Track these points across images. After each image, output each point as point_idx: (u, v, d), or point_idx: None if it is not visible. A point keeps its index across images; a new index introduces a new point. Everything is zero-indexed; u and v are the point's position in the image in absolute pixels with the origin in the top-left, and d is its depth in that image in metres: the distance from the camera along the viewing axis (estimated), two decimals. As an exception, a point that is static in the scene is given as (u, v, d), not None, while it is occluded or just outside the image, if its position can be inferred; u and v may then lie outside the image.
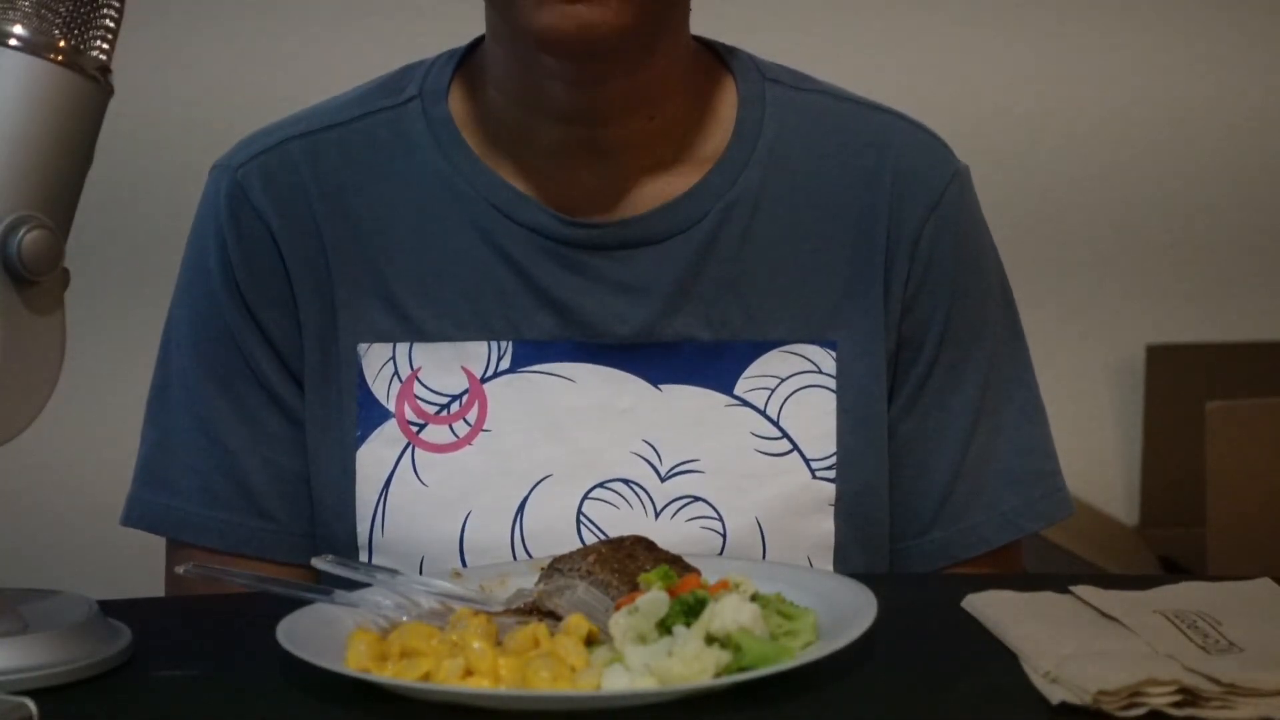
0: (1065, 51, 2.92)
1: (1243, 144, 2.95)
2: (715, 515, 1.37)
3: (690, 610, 1.06)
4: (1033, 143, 2.92)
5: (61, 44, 1.07)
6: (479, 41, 1.43)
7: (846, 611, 1.09)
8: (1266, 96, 2.95)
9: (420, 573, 1.32)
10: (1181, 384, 2.83)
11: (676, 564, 1.16)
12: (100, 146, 1.11)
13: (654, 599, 1.06)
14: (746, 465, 1.37)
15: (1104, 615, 1.14)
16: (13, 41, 1.06)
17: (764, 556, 1.36)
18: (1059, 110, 2.92)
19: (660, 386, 1.37)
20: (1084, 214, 2.94)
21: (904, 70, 2.85)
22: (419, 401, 1.37)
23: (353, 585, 1.19)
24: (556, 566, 1.17)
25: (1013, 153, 2.89)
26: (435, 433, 1.37)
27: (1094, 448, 2.93)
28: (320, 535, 1.40)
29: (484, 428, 1.37)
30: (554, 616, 1.12)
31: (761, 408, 1.37)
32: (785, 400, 1.38)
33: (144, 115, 2.69)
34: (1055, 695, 1.01)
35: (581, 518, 1.36)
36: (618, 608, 1.08)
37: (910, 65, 2.87)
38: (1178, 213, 2.95)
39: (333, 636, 1.10)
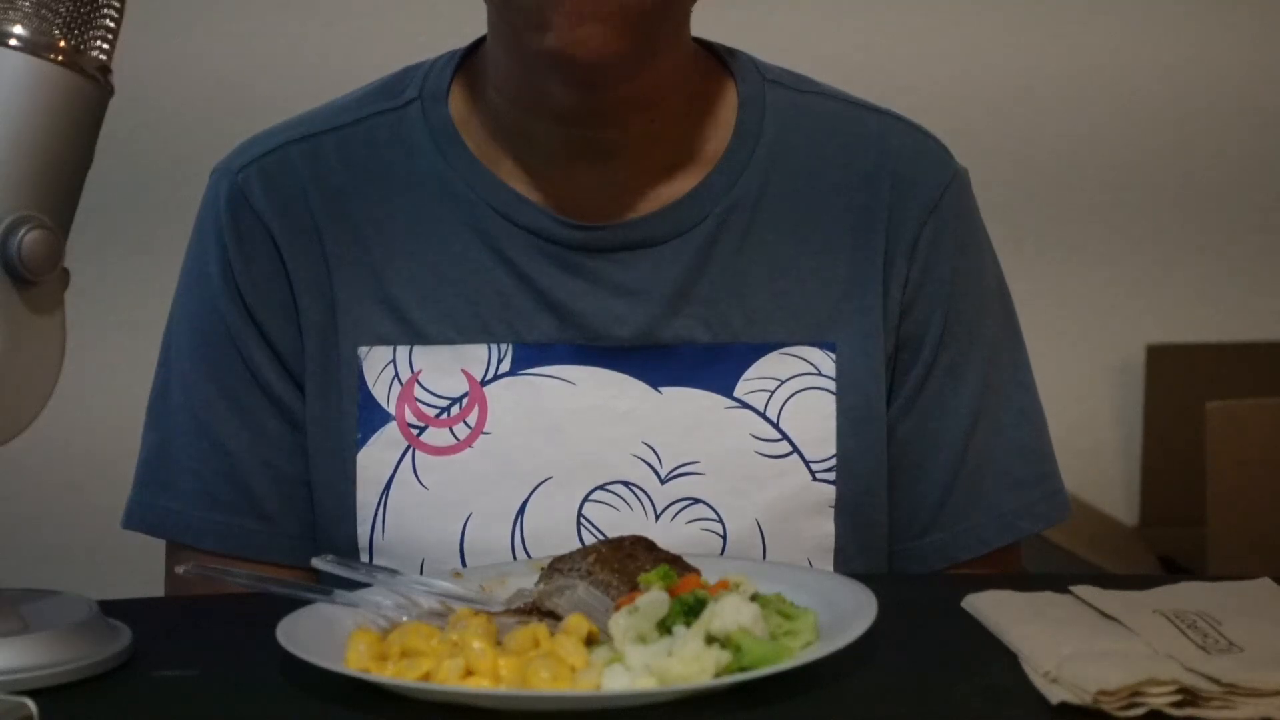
0: (1068, 50, 2.92)
1: (1244, 144, 2.95)
2: (715, 517, 1.37)
3: (690, 610, 1.06)
4: (1033, 142, 2.92)
5: (61, 44, 1.07)
6: (479, 43, 1.43)
7: (846, 611, 1.09)
8: (1268, 95, 2.95)
9: (420, 575, 1.32)
10: (1181, 384, 2.84)
11: (676, 564, 1.16)
12: (100, 146, 1.11)
13: (654, 599, 1.06)
14: (746, 467, 1.37)
15: (1104, 615, 1.14)
16: (13, 41, 1.06)
17: (764, 558, 1.36)
18: (1059, 109, 2.92)
19: (660, 389, 1.37)
20: (1084, 213, 2.94)
21: (903, 68, 2.84)
22: (419, 404, 1.37)
23: (353, 585, 1.19)
24: (556, 567, 1.17)
25: (1012, 152, 2.89)
26: (436, 435, 1.37)
27: (1094, 448, 2.93)
28: (320, 537, 1.40)
29: (484, 430, 1.37)
30: (554, 616, 1.12)
31: (761, 409, 1.37)
32: (785, 402, 1.38)
33: (144, 115, 2.69)
34: (1055, 695, 1.01)
35: (582, 520, 1.36)
36: (618, 608, 1.08)
37: (909, 62, 2.86)
38: (1178, 212, 2.95)
39: (333, 636, 1.10)
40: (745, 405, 1.38)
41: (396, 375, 1.38)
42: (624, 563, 1.15)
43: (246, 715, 1.05)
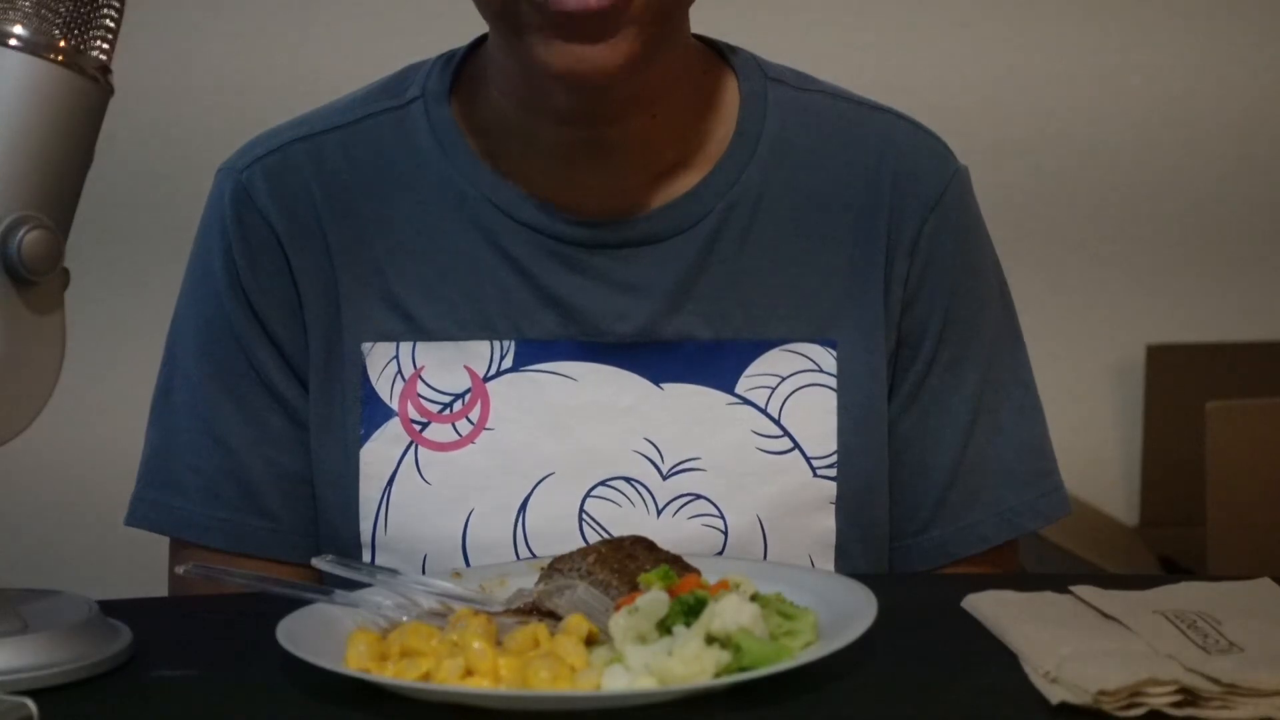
0: (1067, 48, 2.92)
1: (1243, 143, 2.95)
2: (716, 513, 1.37)
3: (690, 610, 1.06)
4: (1033, 141, 2.92)
5: (61, 44, 1.07)
6: (480, 41, 1.43)
7: (846, 611, 1.09)
8: (1267, 95, 2.95)
9: (423, 571, 1.32)
10: (1181, 384, 2.83)
11: (676, 564, 1.16)
12: (100, 146, 1.11)
13: (654, 599, 1.06)
14: (748, 463, 1.37)
15: (1104, 615, 1.14)
16: (13, 41, 1.06)
17: (765, 555, 1.37)
18: (1059, 108, 2.92)
19: (662, 385, 1.38)
20: (1084, 213, 2.94)
21: (903, 66, 2.84)
22: (422, 400, 1.38)
23: (353, 585, 1.19)
24: (556, 566, 1.17)
25: (1013, 152, 2.89)
26: (438, 431, 1.37)
27: (1094, 448, 2.92)
28: (323, 533, 1.40)
29: (486, 426, 1.37)
30: (554, 616, 1.12)
31: (762, 406, 1.38)
32: (786, 399, 1.38)
33: (144, 115, 2.69)
34: (1055, 695, 1.01)
35: (584, 516, 1.36)
36: (618, 608, 1.08)
37: (909, 60, 2.86)
38: (1178, 212, 2.95)
39: (333, 636, 1.10)
40: (746, 402, 1.38)
41: (399, 371, 1.38)
42: (624, 563, 1.15)
43: (246, 715, 1.05)
